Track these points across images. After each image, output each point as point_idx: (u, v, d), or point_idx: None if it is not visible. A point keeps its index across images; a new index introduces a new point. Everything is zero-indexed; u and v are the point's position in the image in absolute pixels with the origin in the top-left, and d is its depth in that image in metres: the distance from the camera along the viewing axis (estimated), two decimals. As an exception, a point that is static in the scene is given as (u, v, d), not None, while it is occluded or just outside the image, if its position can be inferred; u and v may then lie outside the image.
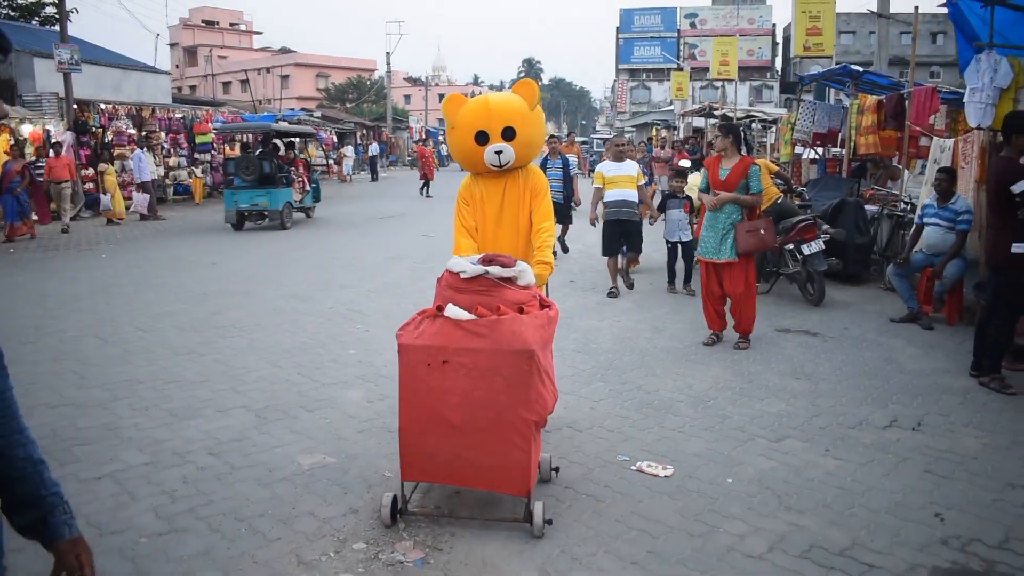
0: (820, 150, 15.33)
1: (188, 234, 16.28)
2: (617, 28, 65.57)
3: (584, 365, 6.57)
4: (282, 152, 19.24)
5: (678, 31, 62.87)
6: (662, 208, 10.07)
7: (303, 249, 14.07)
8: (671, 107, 50.38)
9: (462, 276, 3.81)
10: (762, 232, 6.95)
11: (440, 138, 62.61)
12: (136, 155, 19.89)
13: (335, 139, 39.97)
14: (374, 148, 40.04)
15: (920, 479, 4.37)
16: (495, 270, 3.79)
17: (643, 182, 9.58)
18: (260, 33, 78.24)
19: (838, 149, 14.40)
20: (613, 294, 9.36)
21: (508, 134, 4.32)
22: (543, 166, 11.53)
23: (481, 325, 3.62)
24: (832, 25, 16.34)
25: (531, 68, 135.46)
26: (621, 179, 9.28)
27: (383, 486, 4.26)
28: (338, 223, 18.58)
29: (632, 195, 9.28)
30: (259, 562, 3.52)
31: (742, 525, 3.84)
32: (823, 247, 8.79)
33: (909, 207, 9.90)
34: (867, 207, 10.27)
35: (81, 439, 4.98)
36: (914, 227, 8.47)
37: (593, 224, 9.56)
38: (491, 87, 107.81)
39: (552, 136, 12.45)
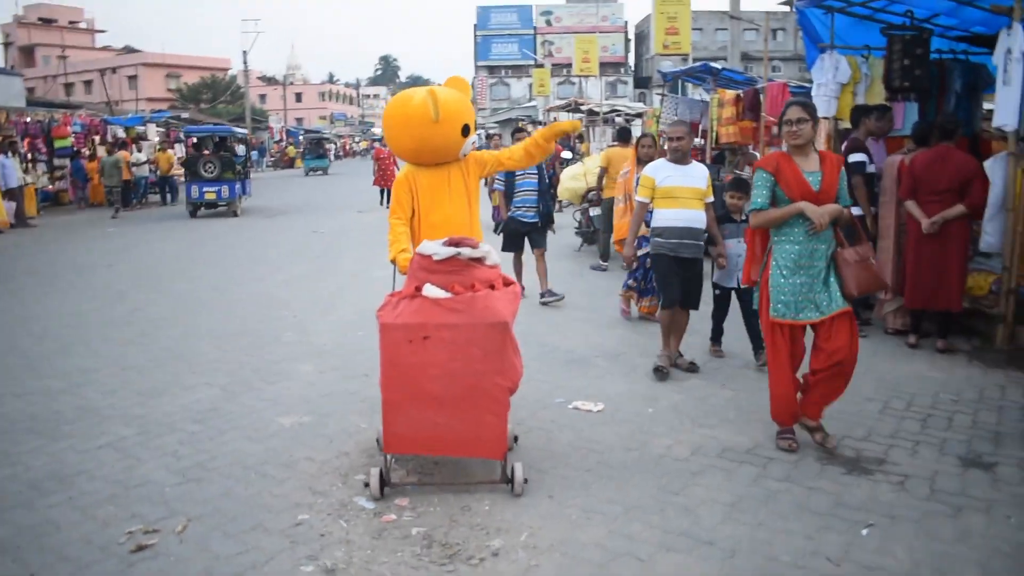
0: (682, 140, 16.72)
1: (68, 238, 15.98)
2: (475, 26, 66.82)
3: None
4: None
5: (534, 28, 64.74)
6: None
7: (202, 247, 14.23)
8: (532, 103, 51.96)
9: (434, 258, 4.23)
10: (872, 261, 4.66)
11: (300, 138, 61.42)
12: (0, 161, 19.17)
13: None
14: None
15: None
16: (466, 251, 4.25)
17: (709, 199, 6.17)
18: (103, 31, 74.68)
19: (699, 140, 15.80)
20: (662, 373, 5.94)
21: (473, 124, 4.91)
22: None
23: (458, 302, 4.01)
24: (688, 25, 17.85)
25: (388, 66, 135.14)
26: (684, 193, 6.00)
27: (362, 435, 4.92)
28: (231, 220, 18.61)
29: (701, 219, 6.02)
30: (278, 495, 4.15)
31: (667, 439, 4.77)
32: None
33: (766, 188, 11.24)
34: (730, 189, 11.59)
35: (64, 419, 5.34)
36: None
37: (629, 267, 6.60)
38: (347, 85, 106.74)
39: (520, 127, 9.40)
